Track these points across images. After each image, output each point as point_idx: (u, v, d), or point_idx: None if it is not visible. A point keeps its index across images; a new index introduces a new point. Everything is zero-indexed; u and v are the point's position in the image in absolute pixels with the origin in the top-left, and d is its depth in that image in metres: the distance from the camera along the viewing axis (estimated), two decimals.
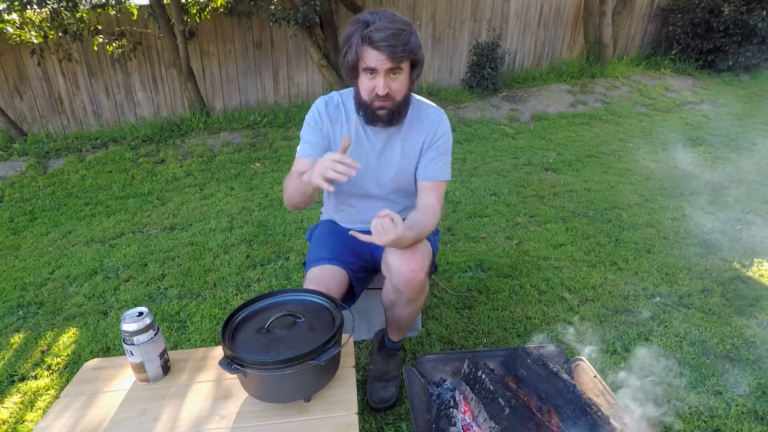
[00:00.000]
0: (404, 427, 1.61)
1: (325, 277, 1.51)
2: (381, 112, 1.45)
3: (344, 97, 1.60)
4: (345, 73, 1.47)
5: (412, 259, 1.43)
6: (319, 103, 1.59)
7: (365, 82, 1.41)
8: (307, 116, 1.60)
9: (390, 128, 1.56)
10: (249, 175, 4.36)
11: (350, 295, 1.62)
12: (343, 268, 1.56)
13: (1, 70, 5.27)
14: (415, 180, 1.64)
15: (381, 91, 1.38)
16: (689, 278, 2.39)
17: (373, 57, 1.34)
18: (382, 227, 1.27)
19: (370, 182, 1.62)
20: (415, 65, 1.43)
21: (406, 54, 1.35)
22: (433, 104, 1.64)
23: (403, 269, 1.43)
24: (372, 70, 1.37)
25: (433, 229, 1.53)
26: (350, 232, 1.38)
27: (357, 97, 1.49)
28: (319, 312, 1.26)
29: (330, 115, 1.57)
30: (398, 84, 1.41)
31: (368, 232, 1.69)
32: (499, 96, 6.05)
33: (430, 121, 1.59)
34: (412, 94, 1.56)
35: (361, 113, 1.51)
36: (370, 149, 1.59)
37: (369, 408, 1.70)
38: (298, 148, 1.62)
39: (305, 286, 1.48)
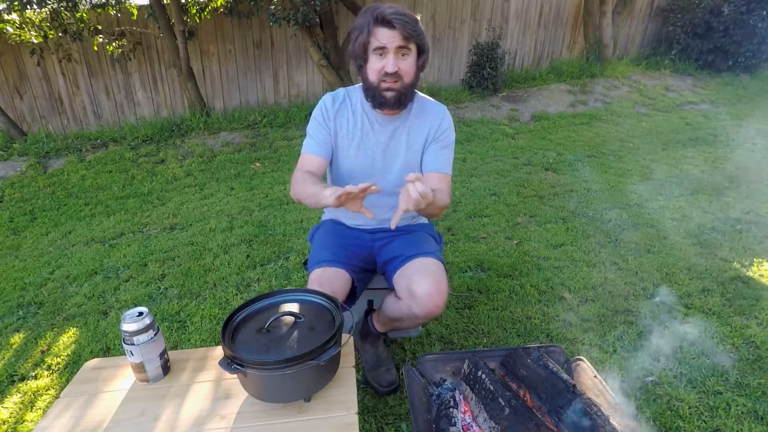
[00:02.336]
0: (404, 427, 1.61)
1: (328, 279, 1.52)
2: (388, 94, 1.48)
3: (350, 92, 1.64)
4: (354, 62, 1.52)
5: (437, 295, 1.46)
6: (326, 98, 1.63)
7: (374, 63, 1.46)
8: (314, 112, 1.64)
9: (395, 120, 1.59)
10: (249, 175, 4.36)
11: (351, 296, 1.63)
12: (346, 270, 1.57)
13: (1, 70, 5.27)
14: (422, 172, 1.67)
15: (390, 68, 1.43)
16: (689, 278, 2.39)
17: (384, 34, 1.40)
18: (423, 195, 1.25)
19: (376, 174, 1.63)
20: (422, 52, 1.48)
21: (414, 34, 1.42)
22: (436, 101, 1.68)
23: (428, 304, 1.45)
24: (382, 49, 1.42)
25: (443, 207, 1.56)
26: (392, 223, 1.34)
27: (365, 82, 1.52)
28: (319, 312, 1.26)
29: (336, 109, 1.61)
30: (406, 65, 1.46)
31: (375, 230, 1.71)
32: (499, 96, 6.05)
33: (434, 114, 1.63)
34: (416, 91, 1.60)
35: (369, 99, 1.54)
36: (375, 142, 1.61)
37: (377, 394, 1.72)
38: (304, 142, 1.65)
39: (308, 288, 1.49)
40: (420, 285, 1.47)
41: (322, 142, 1.61)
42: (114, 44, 5.20)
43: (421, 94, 1.65)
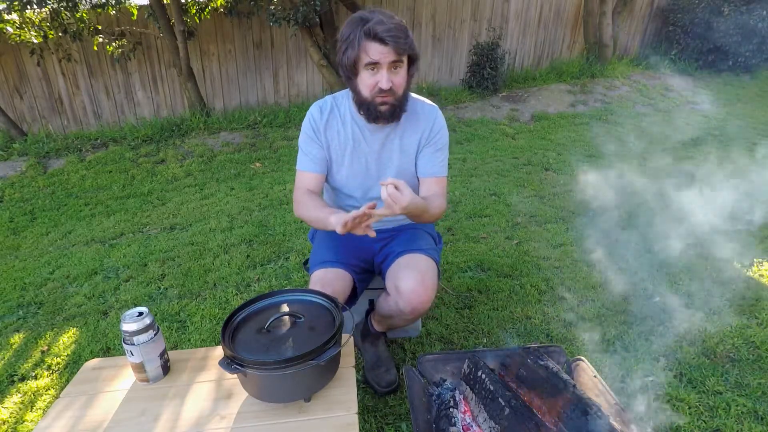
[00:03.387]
0: (404, 427, 1.61)
1: (330, 280, 1.52)
2: (383, 108, 1.44)
3: (337, 100, 1.60)
4: (342, 74, 1.46)
5: (422, 290, 1.45)
6: (313, 110, 1.58)
7: (366, 79, 1.41)
8: (303, 125, 1.60)
9: (386, 127, 1.56)
10: (249, 175, 4.36)
11: (352, 297, 1.63)
12: (347, 271, 1.57)
13: (1, 70, 5.27)
14: (417, 177, 1.65)
15: (385, 85, 1.38)
16: (689, 278, 2.39)
17: (376, 50, 1.35)
18: (391, 197, 1.27)
19: (372, 182, 1.63)
20: (413, 61, 1.45)
21: (407, 47, 1.37)
22: (427, 100, 1.65)
23: (413, 300, 1.45)
24: (374, 65, 1.37)
25: (439, 213, 1.55)
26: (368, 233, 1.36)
27: (357, 96, 1.47)
28: (319, 312, 1.26)
29: (325, 120, 1.57)
30: (399, 78, 1.42)
31: (376, 231, 1.71)
32: (499, 96, 6.05)
33: (426, 117, 1.60)
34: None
35: (362, 113, 1.50)
36: (368, 150, 1.58)
37: (377, 394, 1.72)
38: (298, 158, 1.61)
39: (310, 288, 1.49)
40: (405, 280, 1.47)
41: (315, 157, 1.57)
42: (114, 44, 5.20)
43: (413, 95, 1.61)
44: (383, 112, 1.45)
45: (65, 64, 5.30)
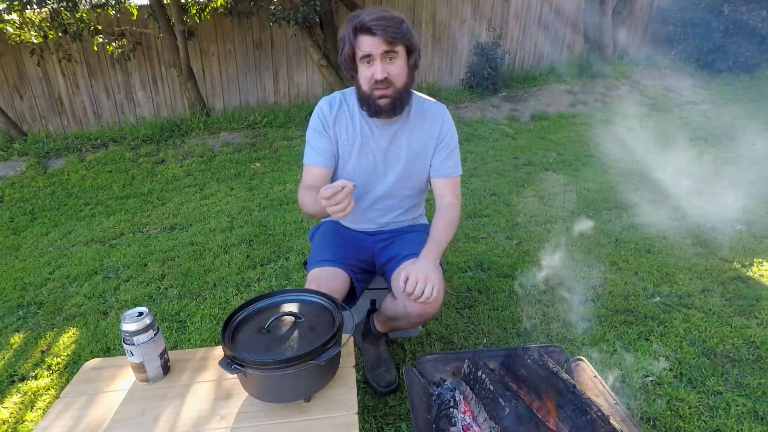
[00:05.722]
0: (404, 427, 1.61)
1: (326, 279, 1.51)
2: (382, 102, 1.44)
3: (346, 95, 1.60)
4: (345, 72, 1.48)
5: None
6: (322, 105, 1.58)
7: (363, 72, 1.42)
8: (311, 120, 1.59)
9: (395, 124, 1.56)
10: (249, 175, 4.36)
11: (351, 296, 1.63)
12: (344, 270, 1.56)
13: (1, 70, 5.27)
14: (429, 177, 1.66)
15: (379, 75, 1.38)
16: (689, 278, 2.39)
17: (367, 42, 1.36)
18: (426, 298, 1.38)
19: (377, 179, 1.63)
20: (411, 51, 1.44)
21: (399, 36, 1.37)
22: (434, 100, 1.66)
23: (421, 305, 1.44)
24: (368, 57, 1.38)
25: (457, 217, 1.60)
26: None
27: (358, 92, 1.49)
28: (319, 312, 1.26)
29: (335, 114, 1.57)
30: (396, 69, 1.41)
31: (375, 232, 1.72)
32: (499, 96, 6.06)
33: (434, 117, 1.60)
34: (413, 91, 1.56)
35: (364, 108, 1.50)
36: (376, 147, 1.58)
37: (377, 394, 1.73)
38: (305, 153, 1.60)
39: (306, 287, 1.48)
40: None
41: (323, 151, 1.56)
42: (114, 44, 5.21)
43: (418, 93, 1.62)
44: (383, 106, 1.45)
45: (65, 64, 5.31)
